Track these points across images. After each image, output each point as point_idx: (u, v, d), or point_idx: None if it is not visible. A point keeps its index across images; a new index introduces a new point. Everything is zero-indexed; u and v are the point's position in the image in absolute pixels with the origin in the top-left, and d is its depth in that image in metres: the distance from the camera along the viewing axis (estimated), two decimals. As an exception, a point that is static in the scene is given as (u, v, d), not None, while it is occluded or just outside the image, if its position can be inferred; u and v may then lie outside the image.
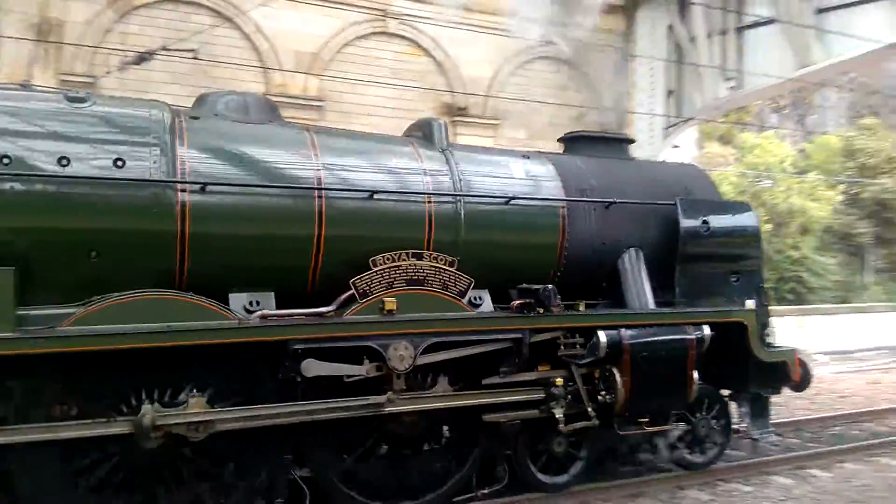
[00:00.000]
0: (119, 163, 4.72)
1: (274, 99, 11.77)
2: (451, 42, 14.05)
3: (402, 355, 5.19)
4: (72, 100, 4.86)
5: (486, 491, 6.03)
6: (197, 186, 4.94)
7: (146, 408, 4.56)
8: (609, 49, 15.14)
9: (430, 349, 5.37)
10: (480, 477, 6.07)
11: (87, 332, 4.36)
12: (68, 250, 4.62)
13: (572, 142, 7.45)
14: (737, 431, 7.46)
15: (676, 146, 13.68)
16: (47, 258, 4.57)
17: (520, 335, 5.69)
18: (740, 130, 33.39)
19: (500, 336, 5.68)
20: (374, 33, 13.65)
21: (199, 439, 4.69)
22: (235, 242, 5.18)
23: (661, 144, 14.92)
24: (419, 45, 14.05)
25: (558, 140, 7.70)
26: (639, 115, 14.59)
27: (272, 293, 5.24)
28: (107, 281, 4.67)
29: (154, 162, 4.82)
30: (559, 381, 5.91)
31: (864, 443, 8.47)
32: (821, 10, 13.26)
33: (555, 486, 6.26)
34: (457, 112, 14.13)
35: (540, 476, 6.21)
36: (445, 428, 5.79)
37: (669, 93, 14.84)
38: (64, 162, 4.57)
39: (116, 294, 4.56)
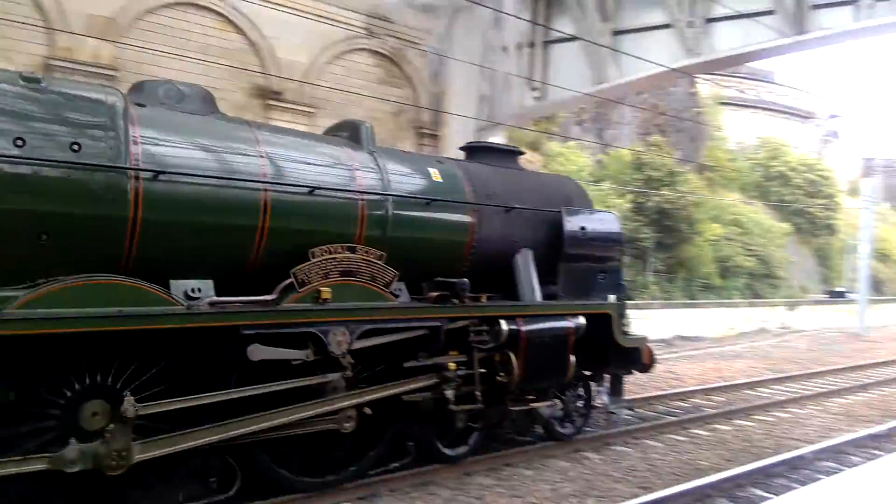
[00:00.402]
0: (75, 146, 4.67)
1: (59, 64, 10.58)
2: (268, 22, 13.49)
3: (339, 340, 5.71)
4: (27, 80, 4.75)
5: (396, 464, 6.72)
6: (149, 174, 5.00)
7: (70, 446, 4.52)
8: (427, 49, 15.43)
9: (363, 335, 5.91)
10: (392, 452, 6.76)
11: (36, 314, 4.31)
12: (18, 232, 4.55)
13: (473, 150, 8.36)
14: (596, 407, 8.82)
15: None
16: None
17: (438, 324, 6.43)
18: (548, 139, 35.46)
19: (423, 324, 6.37)
20: (182, 3, 12.74)
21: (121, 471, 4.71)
22: (182, 230, 5.29)
23: (474, 146, 15.55)
24: (232, 22, 13.37)
25: (461, 148, 8.56)
26: (453, 115, 15.02)
27: (211, 281, 5.44)
28: (55, 264, 4.67)
29: (110, 148, 4.82)
30: (452, 365, 6.62)
31: (639, 426, 9.70)
32: (617, 33, 14.57)
33: (455, 456, 7.12)
34: (270, 96, 13.62)
35: (443, 449, 7.02)
36: (367, 409, 6.21)
37: (482, 97, 15.46)
38: (20, 143, 4.47)
39: (63, 278, 4.53)
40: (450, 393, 6.59)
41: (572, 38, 14.04)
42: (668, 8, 13.80)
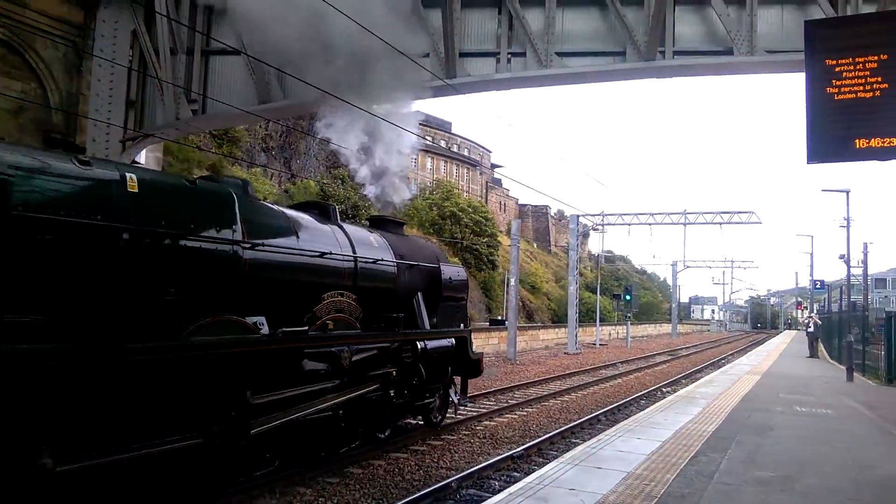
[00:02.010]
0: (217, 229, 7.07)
1: None
2: None
3: (345, 356, 8.62)
4: (189, 181, 7.27)
5: (353, 445, 9.48)
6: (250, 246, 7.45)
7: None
8: (61, 41, 12.97)
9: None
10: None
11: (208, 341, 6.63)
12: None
13: (375, 222, 11.59)
14: (454, 402, 12.07)
15: (137, 163, 12.31)
16: None
17: (388, 344, 9.79)
18: (232, 163, 33.47)
19: (383, 344, 9.66)
20: None
21: None
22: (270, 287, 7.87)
23: (119, 157, 13.33)
24: None
25: (367, 219, 11.67)
26: (93, 121, 12.74)
27: (264, 317, 7.61)
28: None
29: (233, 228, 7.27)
30: (394, 372, 9.87)
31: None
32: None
33: (385, 438, 10.20)
34: None
35: (378, 434, 10.03)
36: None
37: (131, 103, 13.45)
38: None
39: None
40: (392, 392, 9.95)
41: (234, 52, 12.88)
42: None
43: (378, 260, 10.08)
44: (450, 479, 8.84)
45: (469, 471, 9.37)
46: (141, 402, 5.82)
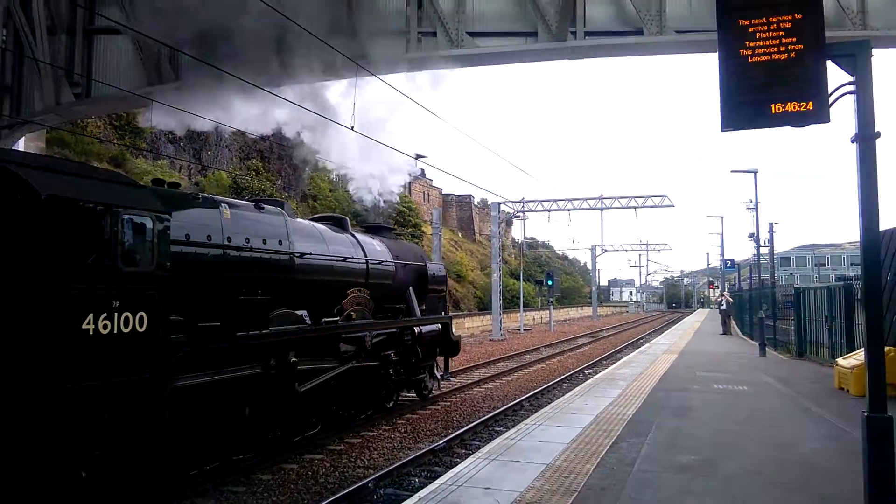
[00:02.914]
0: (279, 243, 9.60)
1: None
2: None
3: (368, 340, 11.22)
4: (256, 206, 9.79)
5: (369, 413, 11.94)
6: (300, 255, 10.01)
7: None
8: None
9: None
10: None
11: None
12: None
13: (372, 228, 13.64)
14: (437, 378, 14.31)
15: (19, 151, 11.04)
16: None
17: (395, 330, 12.24)
18: (135, 155, 31.53)
19: (391, 330, 12.14)
20: None
21: None
22: (311, 286, 10.33)
23: (-5, 146, 11.98)
24: None
25: (362, 225, 13.55)
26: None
27: (306, 310, 9.89)
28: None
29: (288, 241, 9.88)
30: (392, 354, 12.08)
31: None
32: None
33: (391, 407, 12.44)
34: None
35: (386, 403, 12.25)
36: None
37: (5, 88, 12.08)
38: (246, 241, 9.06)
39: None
40: (391, 371, 12.10)
41: (117, 30, 11.72)
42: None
43: (382, 261, 12.62)
44: (367, 480, 8.25)
45: (387, 469, 8.81)
46: (237, 358, 8.26)
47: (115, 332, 6.07)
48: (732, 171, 26.06)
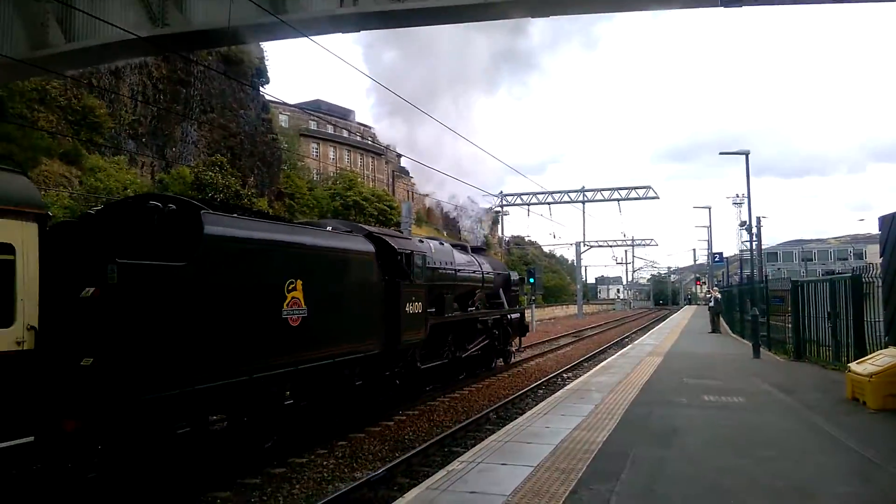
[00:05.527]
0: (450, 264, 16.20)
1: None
2: None
3: (489, 322, 17.69)
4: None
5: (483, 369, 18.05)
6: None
7: None
8: None
9: None
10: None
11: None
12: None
13: (475, 249, 18.94)
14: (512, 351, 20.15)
15: None
16: None
17: (498, 316, 18.25)
18: (92, 151, 29.17)
19: (496, 317, 18.08)
20: None
21: None
22: (464, 289, 16.80)
23: None
24: None
25: (472, 248, 18.71)
26: None
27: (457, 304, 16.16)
28: None
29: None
30: (497, 332, 18.14)
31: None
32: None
33: (493, 367, 18.99)
34: None
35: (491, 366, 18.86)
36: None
37: None
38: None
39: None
40: (496, 342, 18.25)
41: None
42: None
43: (488, 272, 17.85)
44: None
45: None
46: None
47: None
48: (721, 153, 24.01)
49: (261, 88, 38.52)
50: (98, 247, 6.80)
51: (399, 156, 73.37)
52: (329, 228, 11.20)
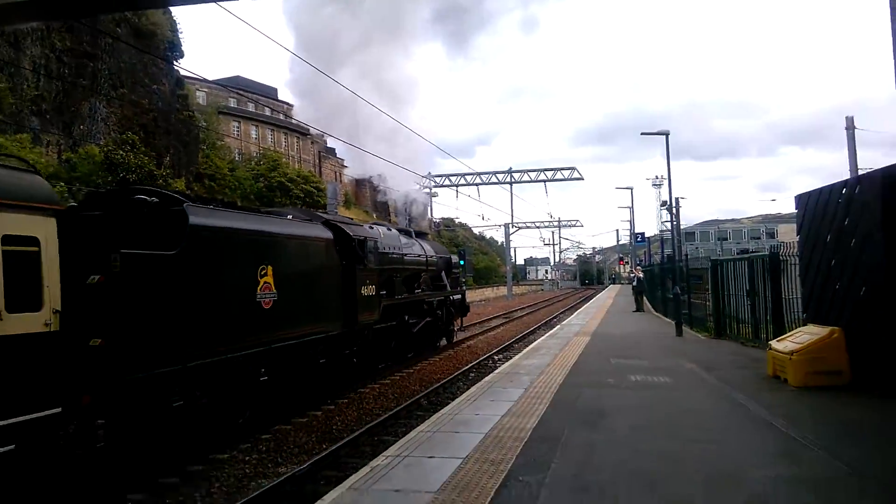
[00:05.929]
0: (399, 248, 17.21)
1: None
2: None
3: (434, 303, 18.79)
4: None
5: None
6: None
7: None
8: None
9: None
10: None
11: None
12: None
13: (418, 234, 19.89)
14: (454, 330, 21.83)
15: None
16: None
17: (441, 297, 19.50)
18: (-11, 128, 27.00)
19: (439, 298, 19.26)
20: None
21: None
22: (412, 272, 17.62)
23: None
24: None
25: (416, 232, 19.63)
26: None
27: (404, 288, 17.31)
28: None
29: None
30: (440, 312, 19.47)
31: None
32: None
33: (438, 346, 20.04)
34: None
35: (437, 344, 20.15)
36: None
37: None
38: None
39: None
40: (440, 322, 19.37)
41: None
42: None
43: (431, 256, 18.82)
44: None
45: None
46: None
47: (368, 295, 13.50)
48: (643, 134, 24.51)
49: (175, 63, 36.50)
50: (101, 237, 7.67)
51: (324, 135, 71.79)
52: (289, 217, 11.75)
